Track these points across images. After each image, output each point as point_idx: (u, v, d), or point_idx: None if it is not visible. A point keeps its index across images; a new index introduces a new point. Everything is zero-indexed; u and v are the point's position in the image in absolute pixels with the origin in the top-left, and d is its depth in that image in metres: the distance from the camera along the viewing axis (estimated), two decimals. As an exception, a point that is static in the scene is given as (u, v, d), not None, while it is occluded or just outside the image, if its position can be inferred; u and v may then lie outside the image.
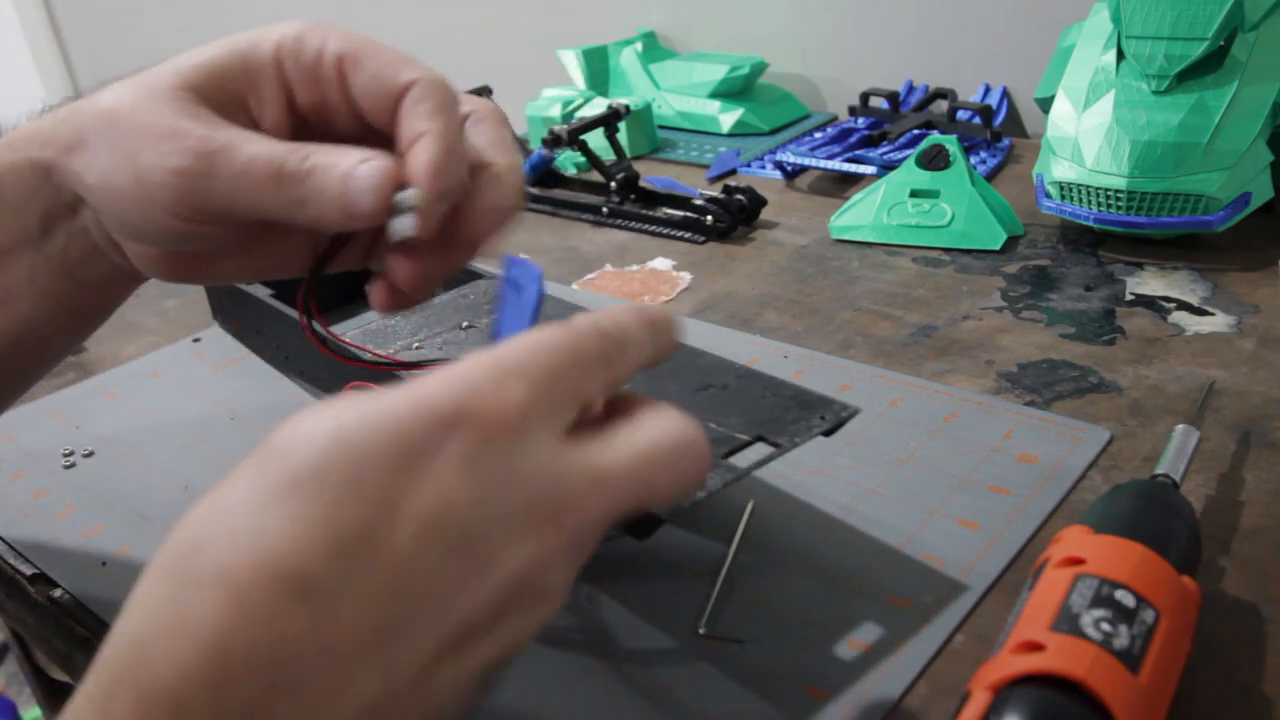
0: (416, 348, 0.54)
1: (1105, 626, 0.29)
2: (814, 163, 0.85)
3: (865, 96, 0.94)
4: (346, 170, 0.31)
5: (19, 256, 0.36)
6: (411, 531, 0.22)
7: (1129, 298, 0.62)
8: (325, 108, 0.34)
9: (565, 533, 0.24)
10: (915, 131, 0.90)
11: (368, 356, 0.42)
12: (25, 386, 0.42)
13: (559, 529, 0.24)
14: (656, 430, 0.26)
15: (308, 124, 0.35)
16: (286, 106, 0.34)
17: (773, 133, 0.99)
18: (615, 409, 0.27)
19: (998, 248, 0.69)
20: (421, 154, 0.31)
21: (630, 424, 0.26)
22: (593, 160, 0.80)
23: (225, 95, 0.34)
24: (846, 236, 0.73)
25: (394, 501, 0.22)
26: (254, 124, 0.34)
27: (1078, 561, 0.32)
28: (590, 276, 0.71)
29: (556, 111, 0.96)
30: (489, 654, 0.24)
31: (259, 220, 0.33)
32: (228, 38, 0.34)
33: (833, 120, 1.03)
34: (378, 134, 0.34)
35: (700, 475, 0.27)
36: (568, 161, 0.90)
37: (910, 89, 1.01)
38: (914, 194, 0.73)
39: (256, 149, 0.32)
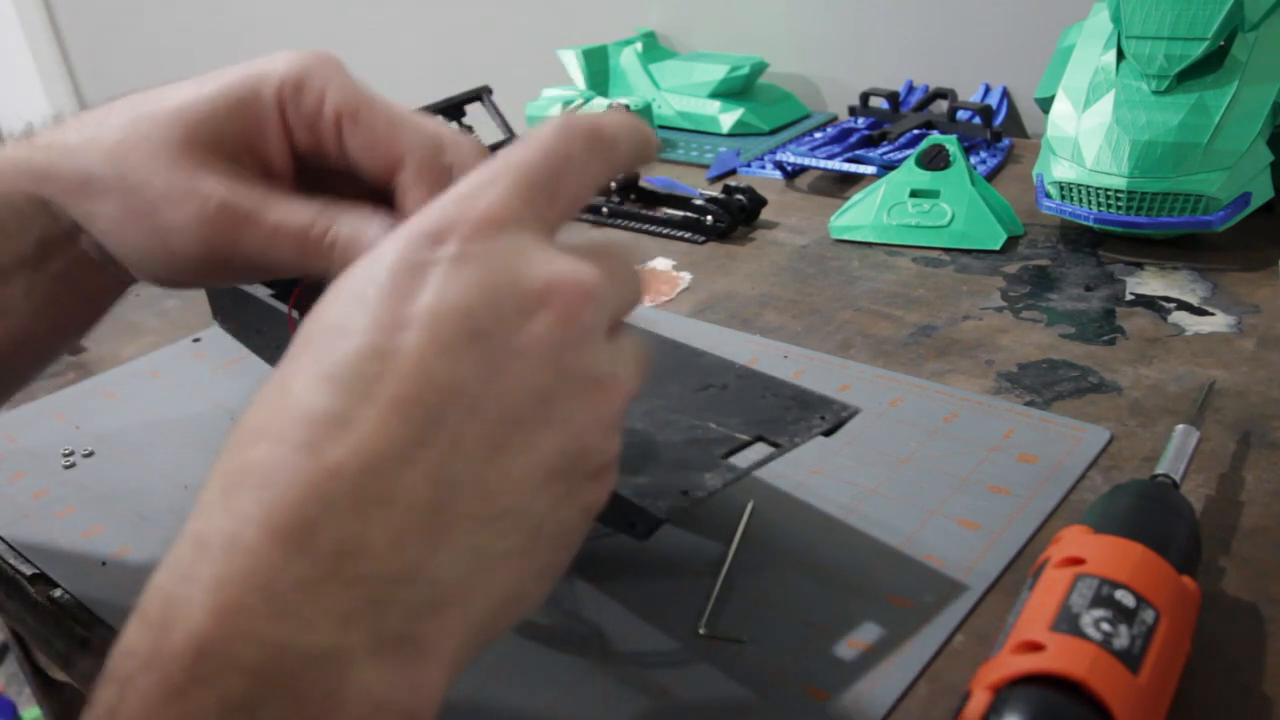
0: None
1: (1105, 626, 0.29)
2: (814, 163, 0.85)
3: (865, 96, 0.94)
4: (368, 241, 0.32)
5: (15, 277, 0.36)
6: (418, 333, 0.23)
7: (1129, 298, 0.62)
8: (325, 154, 0.34)
9: (576, 304, 0.24)
10: (915, 131, 0.90)
11: None
12: (20, 387, 0.42)
13: (566, 302, 0.24)
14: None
15: (308, 166, 0.35)
16: (290, 146, 0.34)
17: (773, 133, 0.99)
18: None
19: (998, 248, 0.69)
20: None
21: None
22: (593, 160, 0.80)
23: (233, 144, 0.34)
24: (846, 236, 0.73)
25: (395, 315, 0.23)
26: (263, 164, 0.34)
27: (1078, 561, 0.32)
28: (590, 276, 0.71)
29: (556, 111, 0.96)
30: (555, 445, 0.24)
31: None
32: (227, 74, 0.34)
33: (833, 120, 1.03)
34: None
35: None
36: (568, 161, 0.90)
37: (910, 89, 1.01)
38: (914, 194, 0.73)
39: (279, 217, 0.32)
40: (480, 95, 0.91)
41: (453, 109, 0.89)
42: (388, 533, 0.22)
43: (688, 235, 0.76)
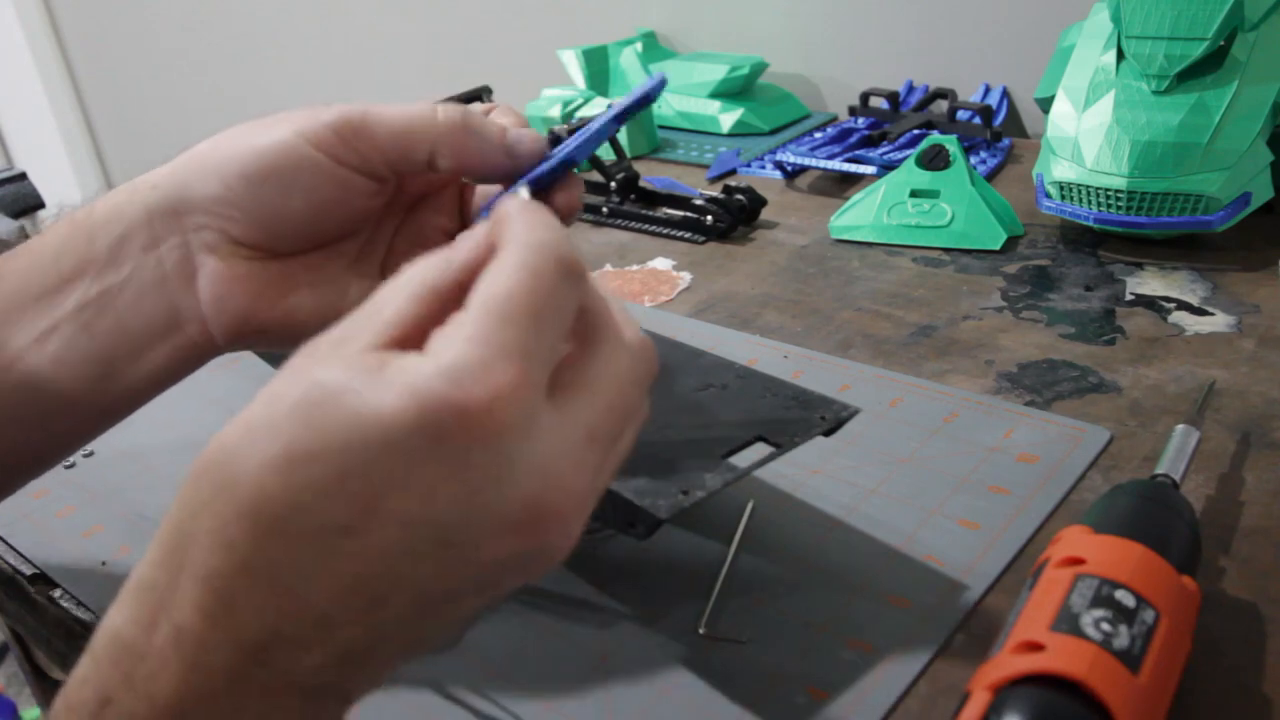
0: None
1: (1105, 626, 0.29)
2: (814, 163, 0.85)
3: (865, 96, 0.95)
4: (504, 125, 0.35)
5: (74, 286, 0.36)
6: (392, 532, 0.23)
7: (1129, 298, 0.62)
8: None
9: (549, 533, 0.25)
10: (915, 131, 0.90)
11: None
12: (34, 473, 0.41)
13: (539, 533, 0.25)
14: (620, 377, 0.27)
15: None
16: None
17: (773, 133, 0.99)
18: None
19: (998, 248, 0.69)
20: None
21: (593, 377, 0.27)
22: (593, 160, 0.80)
23: None
24: (846, 236, 0.73)
25: (376, 504, 0.23)
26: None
27: (1078, 561, 0.32)
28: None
29: (556, 112, 0.96)
30: (474, 607, 0.26)
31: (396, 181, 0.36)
32: None
33: (833, 120, 1.03)
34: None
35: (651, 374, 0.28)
36: (568, 161, 0.90)
37: (910, 89, 1.01)
38: (914, 194, 0.73)
39: (402, 110, 0.35)
40: (480, 95, 0.91)
41: (453, 109, 0.88)
42: (324, 663, 0.24)
43: (688, 235, 0.76)
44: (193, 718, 0.24)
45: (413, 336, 0.25)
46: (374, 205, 0.37)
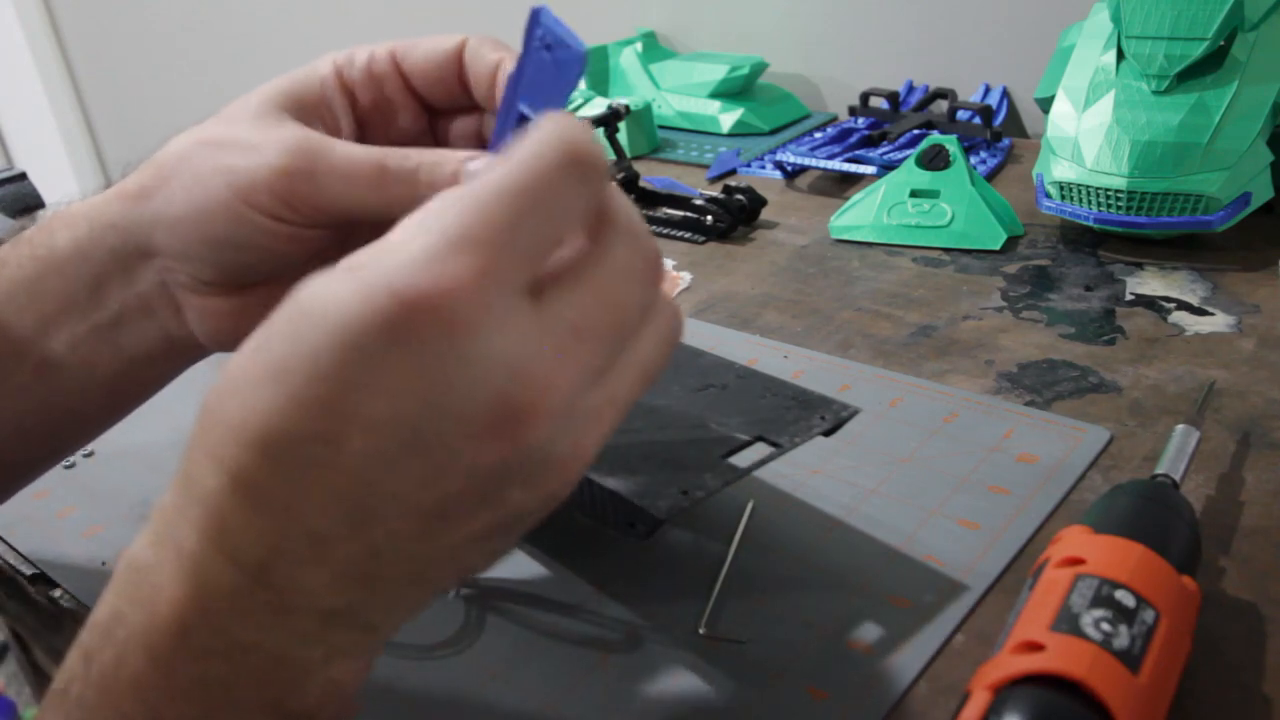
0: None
1: (1105, 626, 0.30)
2: (814, 163, 0.85)
3: (865, 96, 0.94)
4: (457, 167, 0.32)
5: (62, 325, 0.36)
6: (362, 439, 0.23)
7: (1129, 298, 0.62)
8: (385, 104, 0.37)
9: (528, 430, 0.23)
10: (915, 131, 0.90)
11: None
12: (43, 469, 0.41)
13: (517, 430, 0.23)
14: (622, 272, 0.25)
15: (369, 127, 0.37)
16: (352, 112, 0.37)
17: (773, 133, 0.99)
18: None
19: (998, 248, 0.69)
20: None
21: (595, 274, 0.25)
22: (593, 160, 0.80)
23: (303, 109, 0.36)
24: (846, 236, 0.73)
25: (342, 404, 0.22)
26: (332, 132, 0.36)
27: (1078, 561, 0.32)
28: (590, 276, 0.71)
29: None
30: (491, 521, 0.25)
31: (345, 226, 0.35)
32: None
33: (833, 120, 1.03)
34: (429, 131, 0.38)
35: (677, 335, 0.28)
36: (568, 161, 0.90)
37: (910, 89, 1.01)
38: (914, 194, 0.73)
39: (355, 149, 0.33)
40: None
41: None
42: (329, 582, 0.24)
43: (688, 235, 0.76)
44: (195, 633, 0.24)
45: None
46: (334, 234, 0.35)
